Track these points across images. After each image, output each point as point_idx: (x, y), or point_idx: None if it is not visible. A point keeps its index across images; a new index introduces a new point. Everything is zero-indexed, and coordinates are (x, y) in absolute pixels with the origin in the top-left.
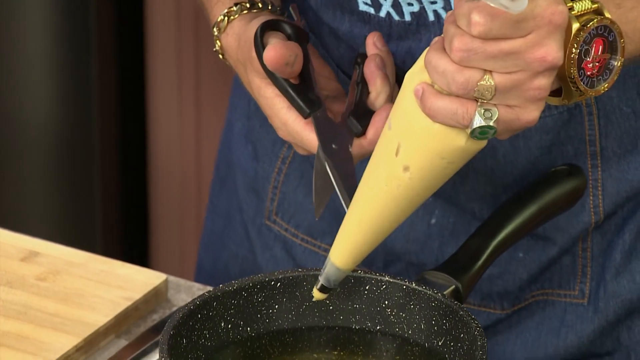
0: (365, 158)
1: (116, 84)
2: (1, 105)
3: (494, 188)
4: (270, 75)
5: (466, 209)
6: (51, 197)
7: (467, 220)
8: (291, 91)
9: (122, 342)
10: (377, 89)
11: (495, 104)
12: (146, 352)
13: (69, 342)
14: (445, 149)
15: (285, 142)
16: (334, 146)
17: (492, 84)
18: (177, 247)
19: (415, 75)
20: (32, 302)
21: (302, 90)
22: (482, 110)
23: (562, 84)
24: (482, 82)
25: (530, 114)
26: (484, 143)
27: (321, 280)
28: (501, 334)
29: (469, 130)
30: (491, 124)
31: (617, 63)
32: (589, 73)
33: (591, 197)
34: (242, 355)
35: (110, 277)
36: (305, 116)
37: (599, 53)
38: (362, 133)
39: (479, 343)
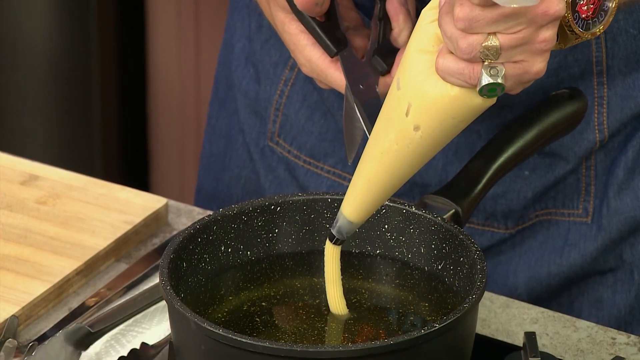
0: None
1: (115, 8)
2: (1, 32)
3: (499, 109)
4: (297, 13)
5: (471, 130)
6: (51, 121)
7: (472, 141)
8: (319, 30)
9: (123, 266)
10: (400, 26)
11: (502, 62)
12: (146, 276)
13: (69, 265)
14: (456, 109)
15: (287, 64)
16: (361, 86)
17: (497, 44)
18: (177, 171)
19: (421, 34)
20: (32, 225)
21: (328, 29)
22: (489, 69)
23: (558, 29)
24: (486, 44)
25: (538, 65)
26: (494, 100)
27: (334, 232)
28: (504, 253)
29: (477, 89)
30: (499, 81)
31: (611, 4)
32: (583, 16)
33: (596, 115)
34: (242, 278)
35: (110, 201)
36: (332, 55)
37: None
38: (387, 71)
39: (478, 267)
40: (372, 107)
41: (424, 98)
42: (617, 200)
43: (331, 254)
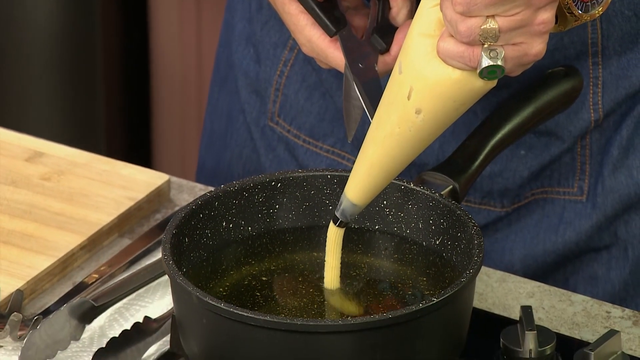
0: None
1: None
2: (5, 8)
3: (496, 90)
4: None
5: (468, 109)
6: (55, 99)
7: (469, 120)
8: (317, 10)
9: (126, 241)
10: (398, 5)
11: (501, 45)
12: (149, 251)
13: (74, 240)
14: (457, 92)
15: (287, 45)
16: (360, 65)
17: (496, 27)
18: (179, 148)
19: (424, 18)
20: (37, 201)
21: (327, 9)
22: (488, 51)
23: (557, 11)
24: (485, 26)
25: (537, 47)
26: (494, 83)
27: (338, 215)
28: (501, 231)
29: (477, 72)
30: (498, 63)
31: None
32: None
33: (591, 95)
34: (243, 253)
35: (113, 177)
36: (331, 35)
37: None
38: (386, 50)
39: (475, 242)
40: (371, 86)
41: (425, 81)
42: (612, 178)
43: (333, 237)
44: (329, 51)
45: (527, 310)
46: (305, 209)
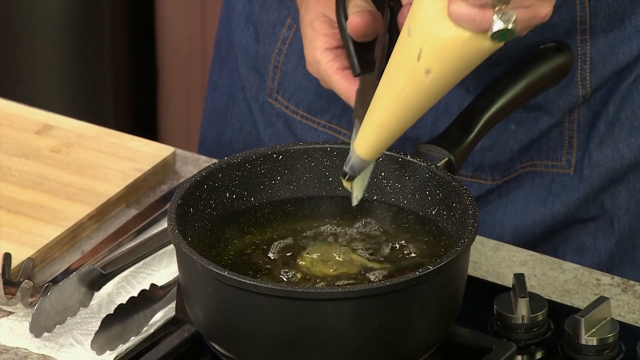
0: None
1: None
2: None
3: (488, 66)
4: (340, 25)
5: (460, 85)
6: (65, 74)
7: (461, 95)
8: (352, 48)
9: (133, 212)
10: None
11: (512, 7)
12: (155, 221)
13: (83, 210)
14: (467, 52)
15: (285, 23)
16: (367, 77)
17: None
18: (185, 121)
19: None
20: (47, 173)
21: (362, 50)
22: (500, 15)
23: None
24: None
25: (546, 9)
26: (502, 43)
27: (347, 169)
28: (492, 203)
29: (489, 34)
30: (510, 26)
31: None
32: None
33: (579, 71)
34: (246, 223)
35: (120, 150)
36: (355, 75)
37: None
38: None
39: (470, 212)
40: None
41: (436, 42)
42: (599, 152)
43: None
44: (334, 78)
45: (519, 278)
46: (306, 180)
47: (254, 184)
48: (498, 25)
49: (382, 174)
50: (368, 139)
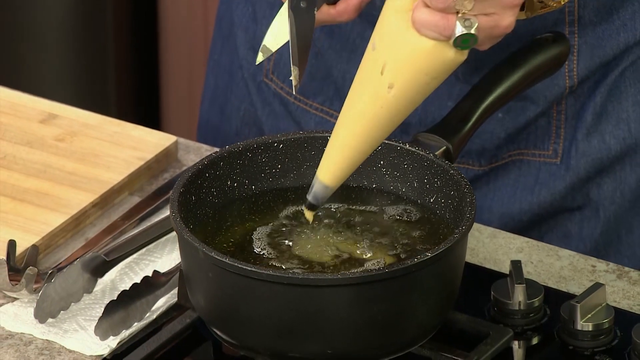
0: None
1: None
2: None
3: (476, 52)
4: None
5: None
6: (68, 63)
7: (451, 82)
8: None
9: (135, 199)
10: None
11: (474, 14)
12: (158, 208)
13: (86, 198)
14: (430, 63)
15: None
16: (302, 4)
17: None
18: (187, 111)
19: None
20: (51, 161)
21: None
22: (463, 20)
23: None
24: None
25: (508, 19)
26: (465, 56)
27: (309, 198)
28: (479, 190)
29: (451, 41)
30: (472, 31)
31: None
32: None
33: (566, 63)
34: (247, 210)
35: (123, 139)
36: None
37: None
38: (334, 2)
39: (467, 199)
40: (304, 27)
41: (399, 54)
42: (585, 142)
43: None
44: None
45: (516, 265)
46: (306, 168)
47: (255, 172)
48: (460, 29)
49: (381, 162)
50: (332, 162)
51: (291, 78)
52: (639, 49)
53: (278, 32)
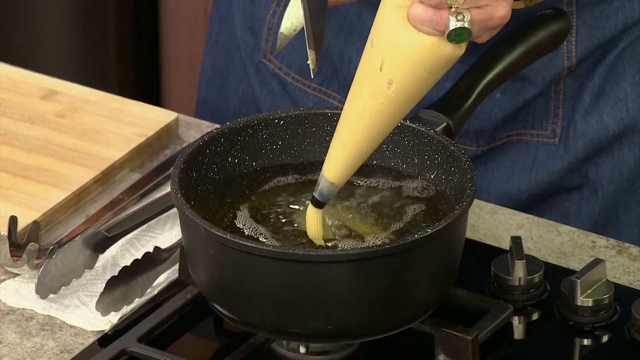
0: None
1: None
2: None
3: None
4: None
5: None
6: (69, 40)
7: None
8: None
9: (136, 176)
10: None
11: (467, 8)
12: (158, 185)
13: (87, 175)
14: (427, 58)
15: None
16: None
17: None
18: (188, 87)
19: None
20: (52, 137)
21: None
22: (455, 14)
23: None
24: None
25: (501, 10)
26: (462, 49)
27: (315, 195)
28: (477, 170)
29: (445, 35)
30: (465, 25)
31: None
32: None
33: (565, 42)
34: (248, 187)
35: (124, 115)
36: None
37: None
38: None
39: (468, 176)
40: (316, 5)
41: (397, 50)
42: (583, 122)
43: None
44: None
45: (516, 241)
46: (307, 145)
47: (255, 149)
48: (453, 24)
49: None
50: (336, 159)
51: (308, 62)
52: (637, 29)
53: (293, 18)
